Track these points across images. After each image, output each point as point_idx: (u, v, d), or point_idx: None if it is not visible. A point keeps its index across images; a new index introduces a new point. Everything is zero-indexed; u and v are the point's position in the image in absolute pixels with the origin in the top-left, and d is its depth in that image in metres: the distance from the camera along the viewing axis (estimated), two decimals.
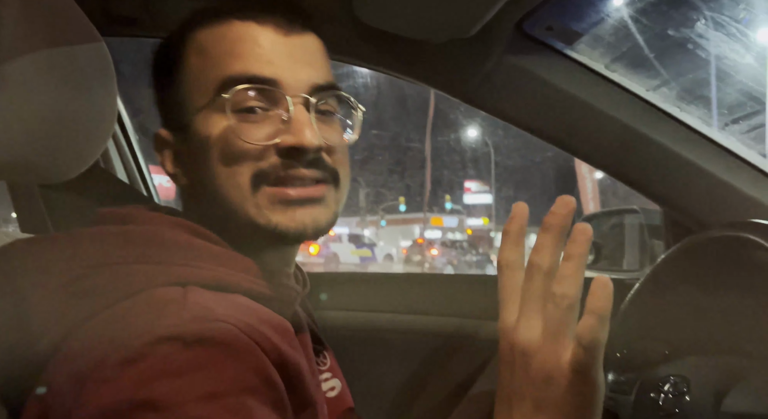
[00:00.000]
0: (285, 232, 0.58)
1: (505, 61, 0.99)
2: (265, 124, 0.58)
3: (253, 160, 0.58)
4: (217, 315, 0.48)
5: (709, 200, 1.02)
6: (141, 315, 0.48)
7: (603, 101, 1.01)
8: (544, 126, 1.05)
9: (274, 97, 0.58)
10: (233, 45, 0.59)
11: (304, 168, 0.58)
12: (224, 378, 0.44)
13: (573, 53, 1.01)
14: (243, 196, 0.58)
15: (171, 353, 0.44)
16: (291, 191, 0.58)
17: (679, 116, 1.02)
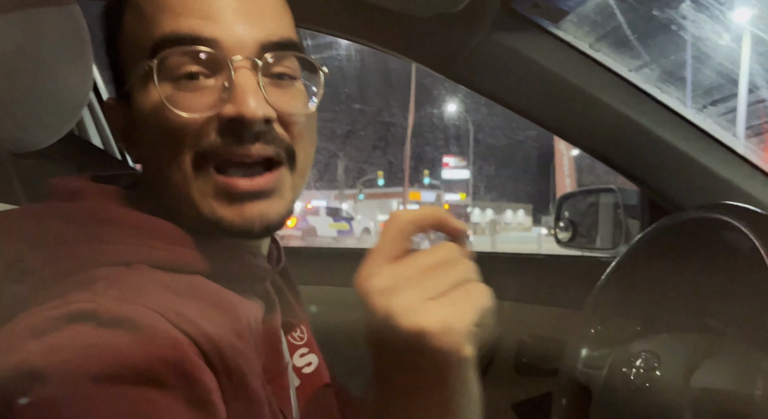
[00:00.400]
0: (229, 228, 0.52)
1: (491, 38, 0.98)
2: (204, 93, 0.50)
3: (193, 137, 0.50)
4: (146, 298, 0.44)
5: (685, 181, 1.04)
6: (68, 291, 0.45)
7: (586, 81, 1.02)
8: (526, 104, 1.05)
9: (214, 60, 0.50)
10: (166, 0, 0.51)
11: (249, 144, 0.50)
12: (131, 365, 0.41)
13: (558, 32, 1.00)
14: (186, 179, 0.51)
15: (82, 330, 0.41)
16: (239, 182, 0.51)
17: (659, 97, 1.03)
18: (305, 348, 0.72)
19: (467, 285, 0.41)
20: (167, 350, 0.42)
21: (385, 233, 0.43)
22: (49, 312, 0.42)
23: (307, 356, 0.72)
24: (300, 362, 0.70)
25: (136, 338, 0.42)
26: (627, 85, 1.02)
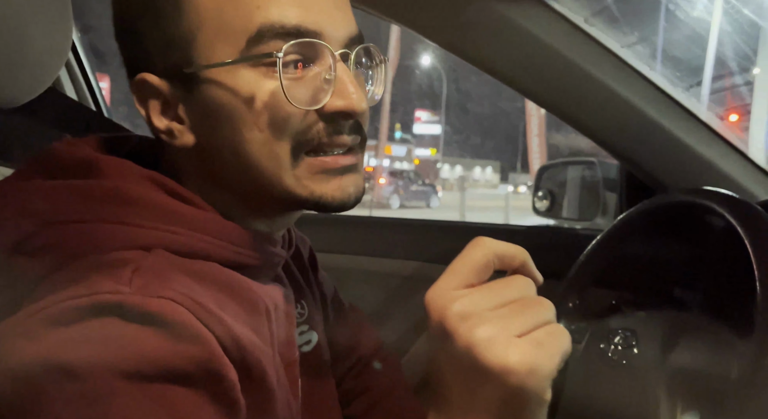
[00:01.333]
0: (330, 203, 0.53)
1: (487, 8, 0.96)
2: (307, 83, 0.51)
3: (295, 126, 0.51)
4: (172, 291, 0.44)
5: (668, 159, 1.06)
6: (89, 275, 0.44)
7: (578, 54, 1.01)
8: (516, 75, 1.04)
9: (317, 52, 0.51)
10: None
11: (347, 134, 0.53)
12: (156, 361, 0.41)
13: (554, 3, 0.99)
14: (280, 166, 0.52)
15: (106, 323, 0.41)
16: (339, 160, 0.53)
17: (648, 75, 1.04)
18: (305, 325, 0.72)
19: (551, 327, 0.41)
20: (194, 347, 0.43)
21: (468, 258, 0.43)
22: (73, 302, 0.41)
23: (306, 334, 0.72)
24: (299, 340, 0.70)
25: (164, 334, 0.42)
26: (618, 61, 1.02)
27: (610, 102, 1.03)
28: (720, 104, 6.18)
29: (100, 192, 0.49)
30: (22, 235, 0.47)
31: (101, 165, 0.52)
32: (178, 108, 0.53)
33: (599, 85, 1.02)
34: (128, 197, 0.49)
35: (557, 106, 1.07)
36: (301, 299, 0.73)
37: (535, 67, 1.03)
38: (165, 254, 0.48)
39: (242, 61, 0.49)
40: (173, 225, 0.50)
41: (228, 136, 0.52)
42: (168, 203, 0.51)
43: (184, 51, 0.51)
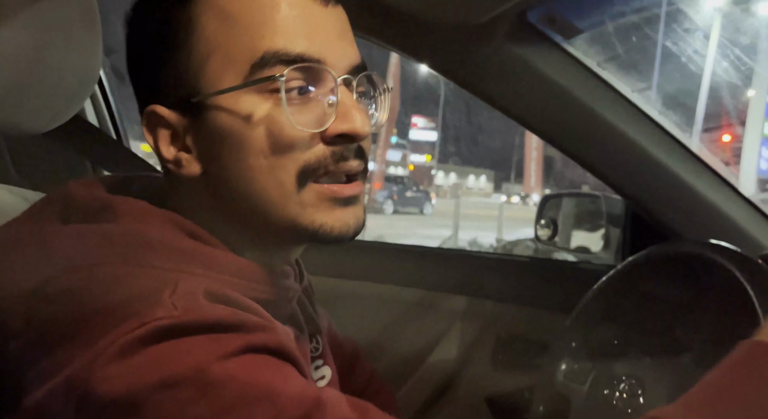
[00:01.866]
0: (329, 233, 0.53)
1: (504, 48, 0.98)
2: (311, 108, 0.51)
3: (300, 151, 0.51)
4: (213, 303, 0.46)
5: (673, 202, 1.08)
6: (128, 306, 0.44)
7: (590, 97, 1.03)
8: (529, 114, 1.06)
9: (320, 77, 0.51)
10: (268, 13, 0.50)
11: (352, 160, 0.53)
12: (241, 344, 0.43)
13: (569, 47, 1.01)
14: (286, 194, 0.52)
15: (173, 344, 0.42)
16: (344, 189, 0.53)
17: (657, 118, 1.06)
18: (320, 360, 0.73)
19: None
20: (264, 334, 0.46)
21: None
22: (132, 335, 0.42)
23: (321, 369, 0.72)
24: (315, 375, 0.71)
25: (232, 332, 0.44)
26: (629, 104, 1.04)
27: (619, 143, 1.06)
28: (714, 127, 6.26)
29: (122, 236, 0.50)
30: (43, 280, 0.47)
31: (118, 207, 0.53)
32: (185, 138, 0.54)
33: (609, 127, 1.04)
34: (149, 240, 0.50)
35: (567, 145, 1.09)
36: (315, 333, 0.73)
37: (548, 107, 1.05)
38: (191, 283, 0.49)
39: (246, 86, 0.50)
40: (193, 266, 0.50)
41: (233, 163, 0.52)
42: (187, 245, 0.52)
43: (193, 81, 0.52)
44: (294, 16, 0.51)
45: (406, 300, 1.30)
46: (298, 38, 0.51)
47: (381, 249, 1.43)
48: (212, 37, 0.51)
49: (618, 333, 0.92)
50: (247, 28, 0.50)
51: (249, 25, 0.51)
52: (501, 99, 1.05)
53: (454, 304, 1.28)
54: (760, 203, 1.10)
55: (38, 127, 0.70)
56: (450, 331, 1.27)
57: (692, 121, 5.62)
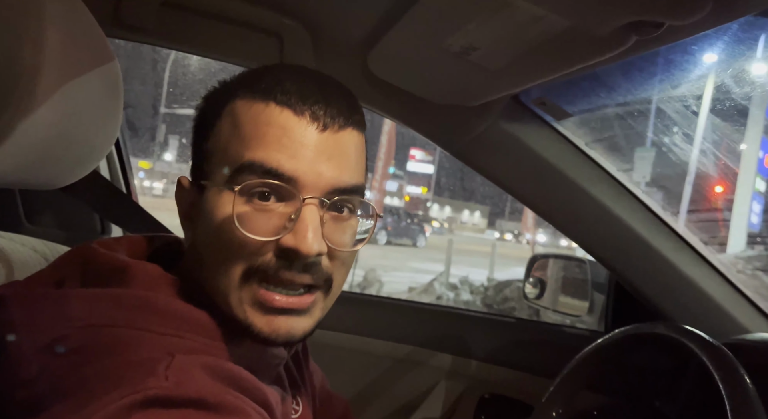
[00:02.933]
0: (257, 334, 0.57)
1: (497, 125, 1.04)
2: (273, 218, 0.56)
3: (250, 253, 0.56)
4: (203, 378, 0.50)
5: (653, 276, 1.13)
6: (125, 373, 0.48)
7: (578, 174, 1.09)
8: (520, 188, 1.11)
9: (289, 193, 0.56)
10: (263, 129, 0.57)
11: (297, 273, 0.56)
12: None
13: (559, 127, 1.07)
14: (230, 286, 0.57)
15: (157, 413, 0.46)
16: (276, 298, 0.56)
17: (641, 197, 1.11)
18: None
19: None
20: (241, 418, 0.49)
21: None
22: (126, 400, 0.46)
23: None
24: None
25: (208, 413, 0.47)
26: (614, 182, 1.10)
27: (604, 218, 1.11)
28: (707, 179, 6.38)
29: (131, 301, 0.55)
30: (57, 336, 0.52)
31: (132, 273, 0.58)
32: (194, 212, 0.62)
33: (595, 202, 1.10)
34: (155, 307, 0.55)
35: (555, 217, 1.14)
36: (296, 395, 0.77)
37: (537, 181, 1.10)
38: (187, 356, 0.53)
39: (223, 187, 0.57)
40: (190, 333, 0.56)
41: (207, 246, 0.59)
42: (188, 312, 0.57)
43: (204, 167, 0.61)
44: (282, 136, 0.56)
45: (394, 356, 1.33)
46: (278, 154, 0.55)
47: (371, 303, 1.46)
48: (223, 138, 0.59)
49: (598, 404, 0.95)
50: (244, 138, 0.57)
51: (246, 136, 0.57)
52: (494, 172, 1.10)
53: (441, 362, 1.31)
54: (746, 263, 1.15)
55: (56, 183, 0.75)
56: (435, 388, 1.30)
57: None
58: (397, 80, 0.95)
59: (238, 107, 0.59)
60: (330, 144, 0.57)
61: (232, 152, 0.58)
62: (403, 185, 31.48)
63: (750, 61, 3.39)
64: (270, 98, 0.57)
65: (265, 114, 0.57)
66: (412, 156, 30.74)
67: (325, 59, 0.95)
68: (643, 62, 0.87)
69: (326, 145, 0.57)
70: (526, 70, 0.81)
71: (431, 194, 31.81)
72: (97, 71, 0.68)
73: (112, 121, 0.75)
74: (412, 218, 21.81)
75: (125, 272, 0.58)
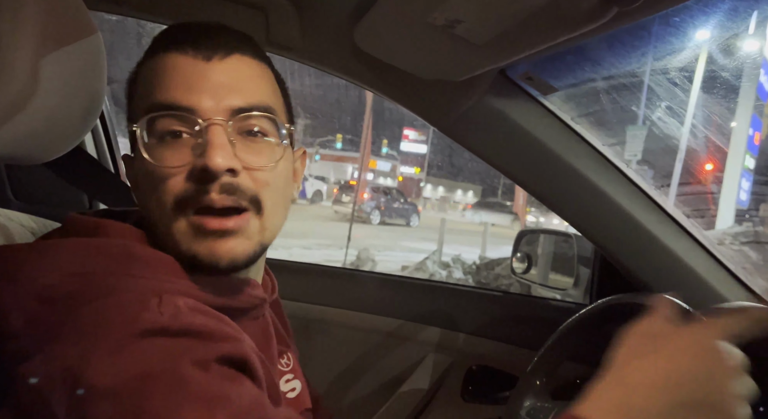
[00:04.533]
0: (201, 262, 0.60)
1: (485, 101, 1.04)
2: (183, 149, 0.60)
3: (171, 185, 0.59)
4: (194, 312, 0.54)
5: (637, 248, 1.15)
6: (119, 310, 0.51)
7: (564, 149, 1.09)
8: (507, 164, 1.12)
9: (192, 122, 0.59)
10: (157, 75, 0.62)
11: (215, 193, 0.59)
12: (212, 354, 0.50)
13: (546, 101, 1.08)
14: (168, 221, 0.60)
15: (158, 341, 0.49)
16: (208, 221, 0.59)
17: (626, 171, 1.13)
18: (290, 374, 0.80)
19: None
20: (231, 344, 0.53)
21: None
22: (126, 330, 0.49)
23: (291, 382, 0.79)
24: (285, 387, 0.78)
25: (205, 339, 0.51)
26: (600, 157, 1.11)
27: (589, 192, 1.12)
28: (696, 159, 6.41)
29: (112, 249, 0.58)
30: (45, 284, 0.54)
31: (108, 227, 0.62)
32: (135, 178, 0.66)
33: (581, 177, 1.11)
34: (135, 253, 0.58)
35: (541, 192, 1.15)
36: (285, 351, 0.81)
37: (524, 156, 1.11)
38: (173, 295, 0.55)
39: (140, 137, 0.61)
40: (170, 276, 0.58)
41: (144, 197, 0.63)
42: (162, 258, 0.59)
43: (131, 134, 0.65)
44: (175, 74, 0.61)
45: (383, 330, 1.35)
46: (172, 91, 0.60)
47: (360, 277, 1.47)
48: (136, 98, 0.65)
49: (580, 374, 0.97)
50: (147, 89, 0.63)
51: (147, 86, 0.63)
52: (481, 148, 1.11)
53: (429, 335, 1.33)
54: (733, 239, 1.16)
55: (40, 157, 0.75)
56: (424, 361, 1.32)
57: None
58: (383, 55, 0.95)
59: (143, 69, 0.65)
60: (218, 71, 0.61)
61: (141, 106, 0.62)
62: (397, 165, 31.41)
63: (741, 38, 3.38)
64: (161, 49, 0.63)
65: (159, 62, 0.63)
66: (405, 136, 30.62)
67: (311, 34, 0.95)
68: (627, 36, 0.87)
69: (214, 72, 0.61)
70: (510, 43, 0.81)
71: (424, 174, 31.78)
72: (79, 44, 0.68)
73: (96, 95, 0.75)
74: (405, 198, 21.83)
75: (99, 228, 0.61)
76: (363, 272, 1.86)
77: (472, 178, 35.16)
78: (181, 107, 0.59)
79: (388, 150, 30.45)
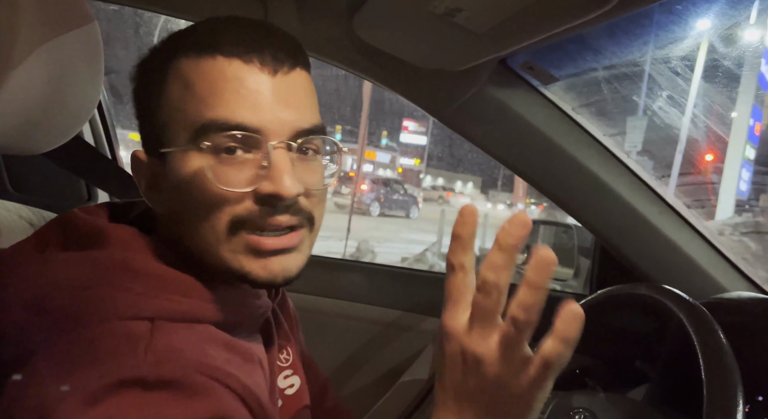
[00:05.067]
0: (255, 280, 0.59)
1: (485, 91, 1.04)
2: (245, 168, 0.57)
3: (231, 205, 0.57)
4: (180, 357, 0.51)
5: (637, 239, 1.15)
6: (106, 349, 0.50)
7: (564, 139, 1.09)
8: (507, 154, 1.12)
9: (256, 142, 0.57)
10: (217, 84, 0.57)
11: (280, 215, 0.58)
12: (179, 416, 0.48)
13: (546, 92, 1.07)
14: (219, 240, 0.58)
15: (133, 394, 0.47)
16: (266, 241, 0.58)
17: (626, 162, 1.12)
18: (289, 370, 0.79)
19: None
20: (208, 400, 0.50)
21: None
22: (104, 380, 0.47)
23: (290, 378, 0.78)
24: (283, 383, 0.77)
25: (181, 394, 0.48)
26: (600, 147, 1.10)
27: (589, 183, 1.11)
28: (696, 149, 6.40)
29: (107, 263, 0.56)
30: (38, 296, 0.53)
31: (107, 235, 0.59)
32: (157, 181, 0.62)
33: (581, 168, 1.10)
34: (133, 268, 0.56)
35: (541, 183, 1.15)
36: (286, 345, 0.79)
37: (524, 146, 1.10)
38: (167, 327, 0.54)
39: (188, 148, 0.57)
40: (171, 293, 0.56)
41: (184, 208, 0.59)
42: (165, 273, 0.57)
43: (162, 135, 0.60)
44: (238, 88, 0.57)
45: (383, 320, 1.35)
46: (239, 109, 0.56)
47: (360, 269, 1.47)
48: (176, 101, 0.59)
49: (579, 364, 0.97)
50: (200, 97, 0.57)
51: (200, 94, 0.57)
52: (481, 138, 1.10)
53: (429, 326, 1.33)
54: (733, 229, 1.16)
55: (38, 147, 0.74)
56: (423, 351, 1.33)
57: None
58: (383, 45, 0.94)
59: (183, 67, 0.59)
60: (284, 88, 0.59)
61: (190, 113, 0.58)
62: (396, 157, 31.36)
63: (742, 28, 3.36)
64: (215, 52, 0.58)
65: (215, 68, 0.57)
66: (405, 127, 30.56)
67: (310, 23, 0.94)
68: (629, 24, 0.87)
69: (280, 89, 0.58)
70: (511, 32, 0.80)
71: (424, 165, 31.76)
72: (76, 33, 0.68)
73: (93, 85, 0.74)
74: (405, 190, 21.81)
75: (101, 235, 0.59)
76: (363, 263, 1.85)
77: (472, 169, 35.11)
78: (249, 128, 0.56)
79: (387, 141, 30.40)
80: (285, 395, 0.76)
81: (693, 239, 1.14)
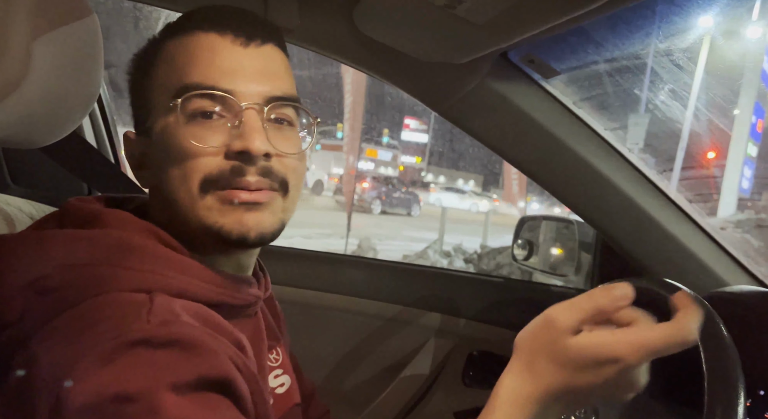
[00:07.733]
0: (229, 234, 0.60)
1: (486, 84, 1.03)
2: (218, 129, 0.60)
3: (204, 164, 0.60)
4: (182, 320, 0.52)
5: (638, 233, 1.14)
6: (111, 314, 0.51)
7: (565, 133, 1.08)
8: (507, 147, 1.11)
9: (229, 105, 0.60)
10: (194, 55, 0.62)
11: (251, 176, 0.60)
12: (192, 375, 0.49)
13: (547, 85, 1.06)
14: (193, 199, 0.60)
15: (141, 352, 0.48)
16: (238, 193, 0.60)
17: (627, 156, 1.12)
18: (279, 369, 0.79)
19: None
20: (216, 360, 0.51)
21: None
22: (113, 341, 0.48)
23: (281, 377, 0.79)
24: (274, 383, 0.77)
25: (187, 353, 0.50)
26: (602, 141, 1.10)
27: (590, 177, 1.11)
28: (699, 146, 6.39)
29: (107, 240, 0.57)
30: (37, 276, 0.53)
31: (107, 217, 0.61)
32: (144, 158, 0.66)
33: (582, 162, 1.10)
34: (131, 245, 0.57)
35: (542, 177, 1.14)
36: (275, 345, 0.80)
37: (525, 140, 1.10)
38: (165, 297, 0.55)
39: (167, 114, 0.61)
40: (168, 270, 0.58)
41: (164, 174, 0.62)
42: (162, 252, 0.59)
43: (148, 110, 0.64)
44: (214, 56, 0.61)
45: (384, 315, 1.35)
46: (213, 73, 0.61)
47: (362, 264, 1.47)
48: (160, 76, 0.64)
49: None
50: (178, 68, 0.62)
51: (180, 65, 0.62)
52: (482, 132, 1.10)
53: (430, 321, 1.33)
54: (734, 227, 1.16)
55: (37, 141, 0.74)
56: (425, 346, 1.33)
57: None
58: (383, 37, 0.94)
59: (169, 47, 0.64)
60: (257, 58, 0.63)
61: (170, 84, 0.62)
62: (398, 155, 31.35)
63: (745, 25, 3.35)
64: (195, 29, 0.63)
65: (194, 42, 0.62)
66: (406, 125, 30.52)
67: (310, 16, 0.93)
68: (632, 15, 0.86)
69: (253, 59, 0.63)
70: (511, 23, 0.80)
71: (425, 163, 31.76)
72: (74, 25, 0.67)
73: (93, 78, 0.74)
74: (407, 188, 21.79)
75: (98, 217, 0.61)
76: (364, 258, 1.85)
77: (474, 168, 35.11)
78: (220, 89, 0.60)
79: (389, 139, 30.39)
80: (276, 394, 0.77)
81: (694, 233, 1.13)
